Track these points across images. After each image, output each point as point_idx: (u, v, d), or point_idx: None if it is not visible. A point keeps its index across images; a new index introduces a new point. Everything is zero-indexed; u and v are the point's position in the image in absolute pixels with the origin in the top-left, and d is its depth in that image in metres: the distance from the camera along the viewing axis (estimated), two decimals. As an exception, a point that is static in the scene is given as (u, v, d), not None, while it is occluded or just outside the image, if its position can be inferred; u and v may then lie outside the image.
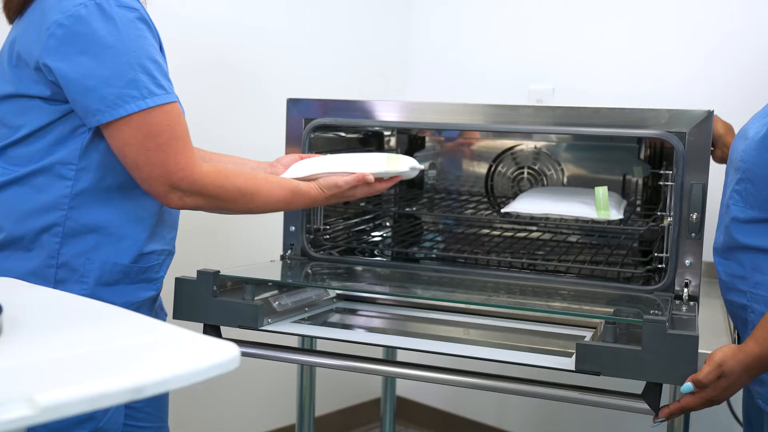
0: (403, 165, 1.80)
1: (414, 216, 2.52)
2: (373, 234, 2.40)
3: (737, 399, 1.94)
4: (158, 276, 1.63)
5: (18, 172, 1.49)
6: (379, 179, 1.79)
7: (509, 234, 2.39)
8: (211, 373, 0.91)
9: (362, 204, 2.34)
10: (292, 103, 2.06)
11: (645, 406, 1.47)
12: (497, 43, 3.07)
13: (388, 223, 2.51)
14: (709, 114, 1.77)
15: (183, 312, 1.66)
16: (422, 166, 1.93)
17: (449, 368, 1.62)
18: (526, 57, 3.00)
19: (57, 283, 1.49)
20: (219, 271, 1.68)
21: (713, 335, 1.83)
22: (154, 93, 1.44)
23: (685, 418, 1.73)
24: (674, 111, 1.78)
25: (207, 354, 0.93)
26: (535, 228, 2.40)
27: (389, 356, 2.45)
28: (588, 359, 1.46)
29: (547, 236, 2.39)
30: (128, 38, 1.42)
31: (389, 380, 2.65)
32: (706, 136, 1.77)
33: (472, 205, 2.43)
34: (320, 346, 2.09)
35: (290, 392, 2.85)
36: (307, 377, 2.19)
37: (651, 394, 1.47)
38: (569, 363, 1.50)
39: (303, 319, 1.82)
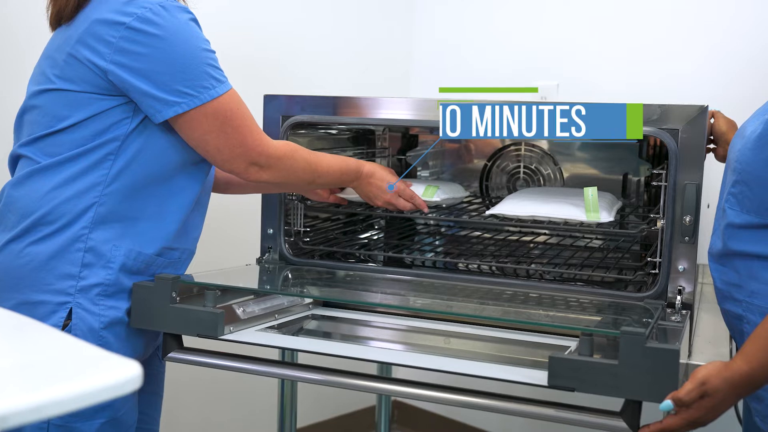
0: (437, 196, 1.99)
1: (406, 217, 2.42)
2: (360, 237, 2.30)
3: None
4: (179, 273, 1.69)
5: (55, 158, 1.54)
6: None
7: (501, 237, 2.28)
8: (99, 398, 0.82)
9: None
10: (269, 100, 1.96)
11: (623, 424, 1.36)
12: (502, 39, 3.00)
13: (376, 226, 2.42)
14: (703, 110, 1.65)
15: (140, 319, 1.57)
16: (465, 193, 2.19)
17: (418, 382, 1.52)
18: (530, 52, 2.91)
19: (84, 267, 1.54)
20: (178, 277, 1.60)
21: (712, 346, 1.71)
22: (221, 81, 1.57)
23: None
24: (666, 106, 1.67)
25: (100, 375, 0.84)
26: (530, 230, 2.29)
27: (381, 370, 2.36)
28: (562, 374, 1.35)
29: (542, 238, 2.28)
30: (191, 36, 1.54)
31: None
32: (699, 133, 1.66)
33: (465, 206, 2.31)
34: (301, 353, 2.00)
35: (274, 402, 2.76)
36: (288, 387, 2.09)
37: (629, 412, 1.36)
38: (544, 378, 1.39)
39: (272, 327, 1.73)
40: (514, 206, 1.91)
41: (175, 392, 2.48)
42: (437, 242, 2.36)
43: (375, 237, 2.36)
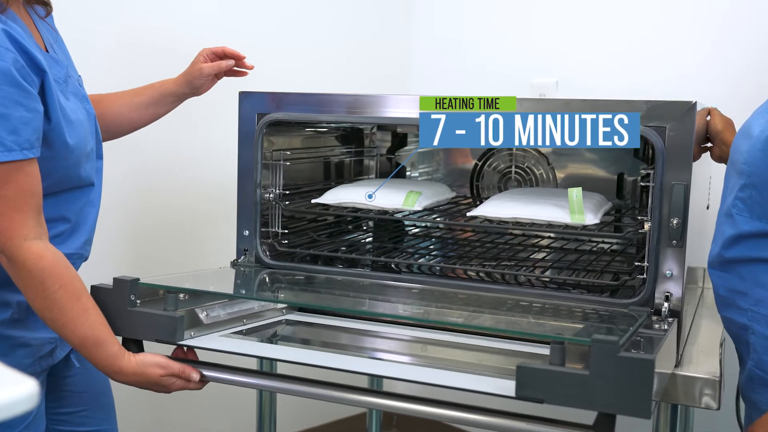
0: (419, 204, 1.92)
1: (395, 219, 2.34)
2: (344, 239, 2.23)
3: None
4: None
5: None
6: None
7: (489, 240, 2.20)
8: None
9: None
10: (244, 97, 1.89)
11: (595, 439, 1.28)
12: (501, 36, 2.96)
13: (364, 227, 2.34)
14: (692, 106, 1.56)
15: (98, 324, 1.51)
16: (452, 194, 2.15)
17: (389, 392, 1.45)
18: (529, 50, 2.87)
19: None
20: (138, 279, 1.54)
21: (705, 356, 1.62)
22: None
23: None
24: (653, 103, 1.58)
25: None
26: (521, 232, 2.20)
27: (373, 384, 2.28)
28: (530, 384, 1.27)
29: (533, 240, 2.20)
30: None
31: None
32: (688, 131, 1.57)
33: (452, 207, 2.23)
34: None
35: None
36: (266, 396, 2.02)
37: (602, 426, 1.28)
38: (512, 388, 1.31)
39: (240, 333, 1.66)
40: (496, 208, 1.83)
41: (155, 397, 2.42)
42: (426, 245, 2.28)
43: (361, 239, 2.29)
